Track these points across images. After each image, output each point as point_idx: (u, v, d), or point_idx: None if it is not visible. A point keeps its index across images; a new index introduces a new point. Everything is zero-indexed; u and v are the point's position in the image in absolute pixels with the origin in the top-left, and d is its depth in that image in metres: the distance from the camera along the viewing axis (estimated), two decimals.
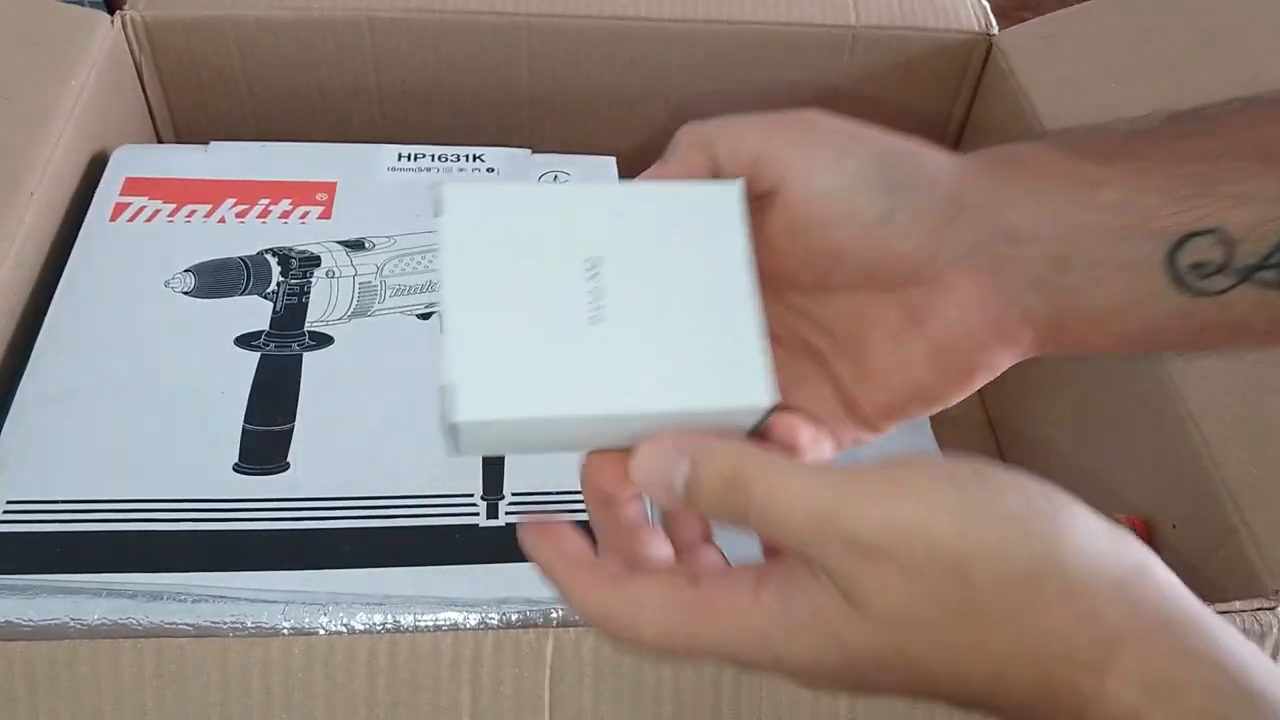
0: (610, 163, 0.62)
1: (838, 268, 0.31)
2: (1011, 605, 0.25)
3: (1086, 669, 0.25)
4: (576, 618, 0.42)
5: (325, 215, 0.57)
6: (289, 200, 0.58)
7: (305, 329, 0.52)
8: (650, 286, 0.29)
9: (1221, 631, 0.25)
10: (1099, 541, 0.26)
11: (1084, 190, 0.30)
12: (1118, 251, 0.29)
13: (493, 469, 0.47)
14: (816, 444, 0.31)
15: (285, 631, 0.41)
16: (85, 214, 0.56)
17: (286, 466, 0.47)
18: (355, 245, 0.56)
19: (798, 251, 0.31)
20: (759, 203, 0.31)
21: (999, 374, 0.32)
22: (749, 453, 0.28)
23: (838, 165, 0.30)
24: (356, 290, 0.54)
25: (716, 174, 0.31)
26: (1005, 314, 0.31)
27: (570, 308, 0.28)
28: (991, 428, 0.67)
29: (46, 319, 0.51)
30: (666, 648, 0.28)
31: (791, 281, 0.32)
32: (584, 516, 0.47)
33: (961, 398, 0.33)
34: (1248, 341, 0.30)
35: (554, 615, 0.41)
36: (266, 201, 0.58)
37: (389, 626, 0.41)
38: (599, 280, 0.29)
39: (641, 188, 0.30)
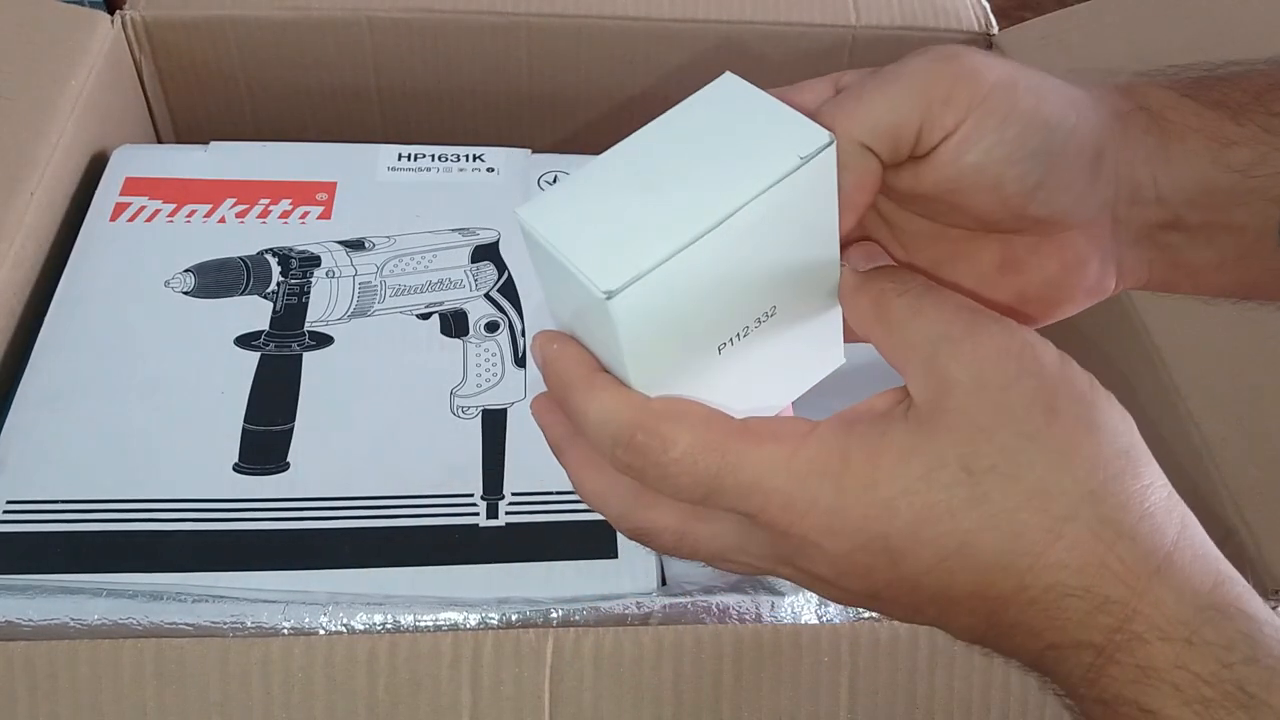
0: None
1: (958, 215, 0.30)
2: (1090, 452, 0.25)
3: (1144, 557, 0.24)
4: (576, 618, 0.42)
5: (325, 215, 0.57)
6: (289, 200, 0.58)
7: (305, 329, 0.52)
8: (776, 361, 0.29)
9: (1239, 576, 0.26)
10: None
11: (1216, 150, 0.29)
12: (1233, 215, 0.29)
13: (493, 469, 0.47)
14: None
15: (285, 631, 0.41)
16: (85, 214, 0.56)
17: (286, 466, 0.47)
18: (355, 245, 0.56)
19: (926, 197, 0.29)
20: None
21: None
22: None
23: (997, 134, 0.28)
24: (356, 290, 0.54)
25: (888, 163, 0.29)
26: (1103, 270, 0.31)
27: (720, 323, 0.27)
28: None
29: (46, 319, 0.51)
30: (695, 473, 0.26)
31: (898, 199, 0.31)
32: (586, 517, 0.47)
33: None
34: None
35: (554, 615, 0.41)
36: (266, 201, 0.58)
37: (389, 626, 0.41)
38: (760, 326, 0.28)
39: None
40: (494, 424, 0.49)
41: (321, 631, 0.41)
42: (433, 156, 0.61)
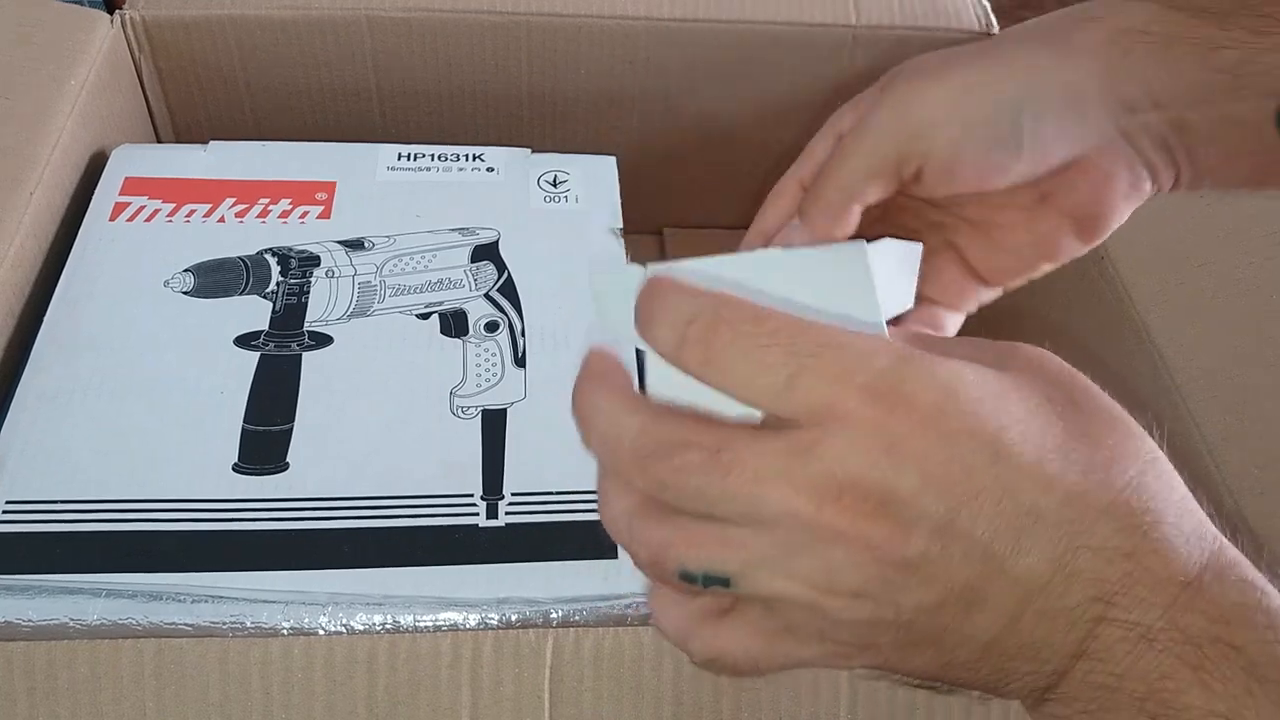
0: (611, 162, 0.61)
1: (979, 192, 0.34)
2: (1140, 441, 0.27)
3: (1208, 536, 0.27)
4: (576, 619, 0.42)
5: (325, 215, 0.57)
6: (288, 200, 0.58)
7: (305, 329, 0.52)
8: None
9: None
10: None
11: (1202, 54, 0.31)
12: (1231, 110, 0.31)
13: (492, 469, 0.47)
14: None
15: (285, 631, 0.41)
16: (85, 213, 0.56)
17: (286, 466, 0.47)
18: (355, 245, 0.56)
19: (940, 195, 0.35)
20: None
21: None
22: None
23: (965, 134, 0.32)
24: (356, 290, 0.54)
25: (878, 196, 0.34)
26: (1133, 177, 0.34)
27: None
28: None
29: (46, 318, 0.51)
30: (802, 332, 0.25)
31: (927, 198, 0.36)
32: (586, 517, 0.47)
33: (1087, 250, 0.36)
34: None
35: (554, 615, 0.41)
36: (266, 201, 0.58)
37: (388, 627, 0.41)
38: None
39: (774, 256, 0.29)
40: (494, 424, 0.49)
41: (321, 632, 0.41)
42: (432, 156, 0.61)
